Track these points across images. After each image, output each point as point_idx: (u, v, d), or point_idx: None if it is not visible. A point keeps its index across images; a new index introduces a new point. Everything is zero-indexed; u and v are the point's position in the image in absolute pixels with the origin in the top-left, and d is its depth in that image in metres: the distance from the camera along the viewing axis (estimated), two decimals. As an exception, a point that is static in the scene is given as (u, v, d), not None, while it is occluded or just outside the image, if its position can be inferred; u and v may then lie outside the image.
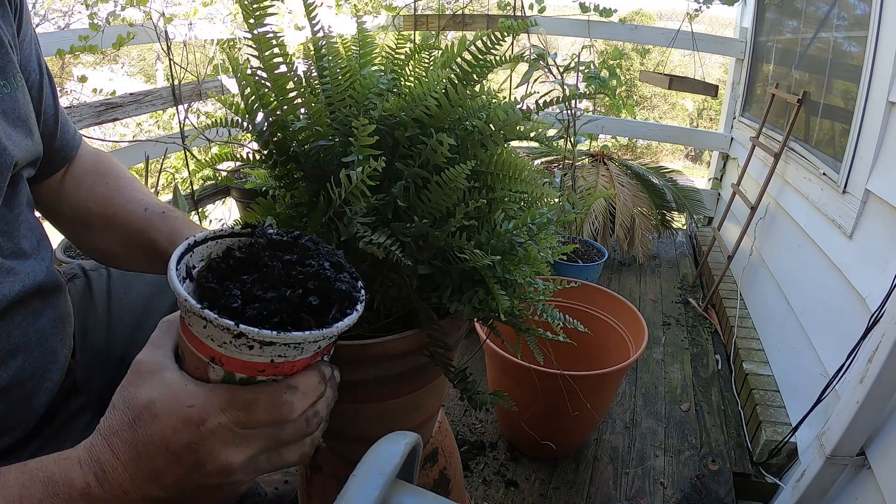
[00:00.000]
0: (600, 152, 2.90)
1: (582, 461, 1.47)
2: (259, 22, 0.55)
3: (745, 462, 1.50)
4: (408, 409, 0.79)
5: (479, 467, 1.43)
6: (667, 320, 2.23)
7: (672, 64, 7.15)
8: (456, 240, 0.59)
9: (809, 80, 1.98)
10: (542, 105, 0.61)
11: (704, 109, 8.97)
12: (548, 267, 0.70)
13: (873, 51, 1.43)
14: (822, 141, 1.82)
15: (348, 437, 0.84)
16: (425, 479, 0.91)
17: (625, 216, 2.49)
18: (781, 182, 2.00)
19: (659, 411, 1.69)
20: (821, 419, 1.28)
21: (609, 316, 1.54)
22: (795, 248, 1.78)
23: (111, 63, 6.94)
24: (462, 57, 0.59)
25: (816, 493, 1.21)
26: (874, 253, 1.28)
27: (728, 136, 2.99)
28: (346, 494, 0.39)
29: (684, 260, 2.84)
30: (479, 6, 3.56)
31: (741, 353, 1.84)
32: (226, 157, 0.69)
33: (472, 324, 1.46)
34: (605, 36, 3.01)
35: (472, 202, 0.58)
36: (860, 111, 1.45)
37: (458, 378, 0.68)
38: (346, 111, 0.62)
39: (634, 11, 8.44)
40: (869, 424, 1.10)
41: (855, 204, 1.41)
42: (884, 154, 1.34)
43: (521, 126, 0.59)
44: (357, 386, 0.73)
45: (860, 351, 1.16)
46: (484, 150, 0.62)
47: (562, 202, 0.71)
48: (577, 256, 2.16)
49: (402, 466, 0.44)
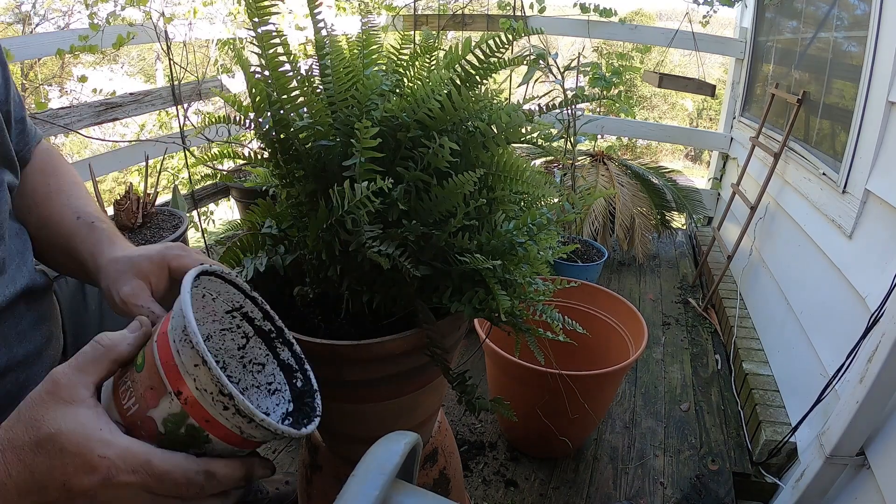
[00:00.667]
0: (600, 152, 2.90)
1: (582, 461, 1.47)
2: (263, 20, 0.55)
3: (744, 462, 1.50)
4: (408, 409, 0.79)
5: (478, 467, 1.43)
6: (666, 320, 2.23)
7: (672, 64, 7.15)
8: (457, 240, 0.59)
9: (809, 80, 1.98)
10: (547, 108, 0.61)
11: (704, 109, 8.97)
12: (547, 267, 0.70)
13: (873, 51, 1.43)
14: (821, 141, 1.82)
15: (348, 438, 0.84)
16: (425, 479, 0.91)
17: (624, 216, 2.49)
18: (781, 182, 2.00)
19: (659, 411, 1.69)
20: (820, 419, 1.28)
21: (609, 316, 1.54)
22: (795, 248, 1.78)
23: (111, 63, 6.94)
24: (466, 59, 0.59)
25: (816, 493, 1.21)
26: (874, 253, 1.28)
27: (728, 136, 2.99)
28: (346, 494, 0.39)
29: (684, 260, 2.84)
30: (479, 6, 3.56)
31: (741, 352, 1.84)
32: (227, 156, 0.69)
33: (472, 324, 1.46)
34: (605, 36, 3.02)
35: (473, 202, 0.58)
36: (860, 111, 1.46)
37: (458, 382, 0.68)
38: (347, 111, 0.62)
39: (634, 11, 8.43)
40: (869, 424, 1.10)
41: (855, 204, 1.41)
42: (883, 154, 1.34)
43: (524, 128, 0.59)
44: (357, 386, 0.73)
45: (860, 351, 1.16)
46: (486, 151, 0.62)
47: (561, 202, 0.71)
48: (577, 256, 2.16)
49: (402, 466, 0.44)
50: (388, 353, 0.65)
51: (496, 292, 0.59)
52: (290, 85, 0.60)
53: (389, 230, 0.59)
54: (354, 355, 0.64)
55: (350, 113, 0.61)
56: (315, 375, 0.56)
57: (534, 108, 0.60)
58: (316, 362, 0.64)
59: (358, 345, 0.63)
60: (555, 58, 2.18)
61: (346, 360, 0.65)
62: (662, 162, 4.75)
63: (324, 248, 0.64)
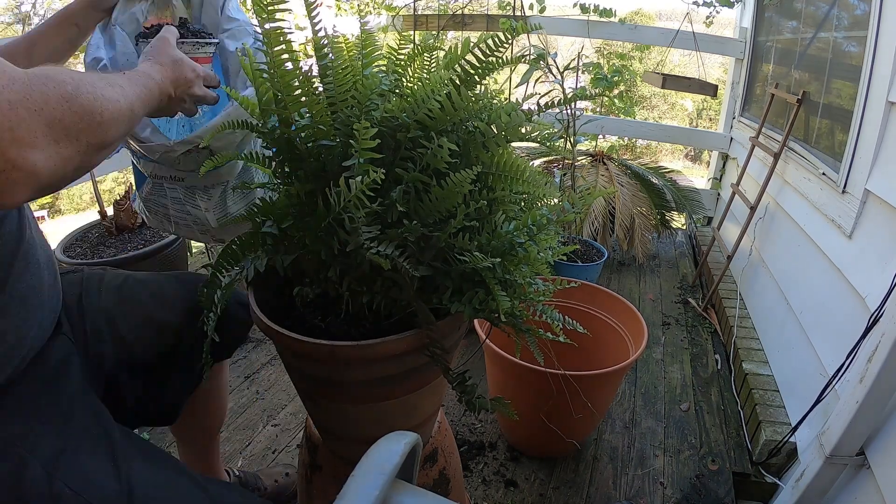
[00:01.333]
0: (600, 152, 2.90)
1: (581, 461, 1.47)
2: (271, 17, 0.55)
3: (744, 462, 1.50)
4: (407, 409, 0.79)
5: (478, 467, 1.43)
6: (666, 320, 2.23)
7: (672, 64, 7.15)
8: (458, 240, 0.59)
9: (809, 80, 1.98)
10: (546, 106, 0.61)
11: (704, 109, 8.97)
12: (547, 268, 0.70)
13: (873, 51, 1.43)
14: (821, 141, 1.82)
15: (348, 438, 0.84)
16: (425, 479, 0.91)
17: (624, 216, 2.50)
18: (781, 182, 2.01)
19: (659, 411, 1.69)
20: (820, 419, 1.28)
21: (609, 316, 1.54)
22: (795, 248, 1.78)
23: (111, 63, 6.92)
24: (465, 59, 0.59)
25: (816, 493, 1.21)
26: (874, 253, 1.28)
27: (728, 136, 2.99)
28: (346, 494, 0.39)
29: (684, 260, 2.84)
30: (479, 6, 3.56)
31: (741, 352, 1.84)
32: (227, 157, 0.69)
33: (472, 324, 1.46)
34: (605, 36, 3.02)
35: (473, 203, 0.58)
36: (860, 111, 1.46)
37: (457, 382, 0.68)
38: (347, 111, 0.62)
39: (634, 11, 8.44)
40: (868, 424, 1.10)
41: (854, 204, 1.41)
42: (883, 154, 1.34)
43: (523, 128, 0.59)
44: (357, 386, 0.73)
45: (860, 351, 1.16)
46: (486, 151, 0.62)
47: (561, 202, 0.71)
48: (577, 256, 2.16)
49: (402, 466, 0.44)
50: (390, 354, 0.65)
51: (496, 292, 0.59)
52: (294, 83, 0.60)
53: (389, 231, 0.59)
54: (355, 355, 0.64)
55: (350, 113, 0.62)
56: (313, 376, 0.56)
57: (532, 108, 0.60)
58: (315, 363, 0.64)
59: (358, 345, 0.63)
60: (554, 57, 2.19)
61: (347, 360, 0.65)
62: (662, 162, 4.75)
63: (323, 247, 0.64)
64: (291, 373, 0.80)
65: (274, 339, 0.68)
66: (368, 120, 0.57)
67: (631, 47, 4.04)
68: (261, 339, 1.97)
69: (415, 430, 0.84)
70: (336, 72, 0.62)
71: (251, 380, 1.76)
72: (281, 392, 1.70)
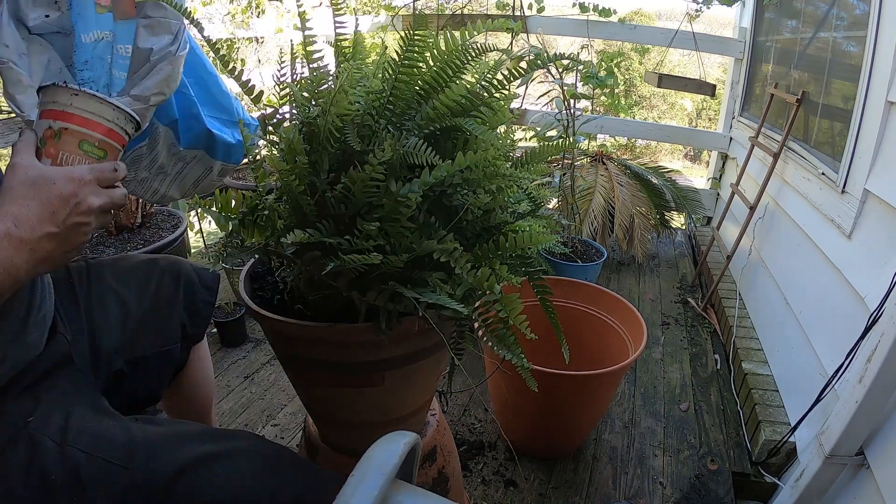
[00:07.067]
0: (599, 152, 2.90)
1: (581, 461, 1.47)
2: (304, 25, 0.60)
3: (744, 462, 1.50)
4: (401, 390, 0.83)
5: (478, 467, 1.43)
6: (666, 320, 2.23)
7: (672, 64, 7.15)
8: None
9: (808, 80, 1.98)
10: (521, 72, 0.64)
11: (703, 109, 8.96)
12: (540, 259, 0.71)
13: (872, 50, 1.43)
14: (821, 141, 1.82)
15: (339, 423, 0.86)
16: (424, 478, 0.91)
17: (624, 216, 2.49)
18: (780, 182, 2.00)
19: (658, 411, 1.69)
20: (820, 419, 1.28)
21: (608, 316, 1.54)
22: (794, 248, 1.78)
23: (110, 63, 6.92)
24: (481, 84, 0.63)
25: (815, 493, 1.21)
26: (873, 253, 1.28)
27: (727, 136, 2.99)
28: (346, 494, 0.39)
29: (683, 260, 2.84)
30: (478, 6, 3.56)
31: (740, 352, 1.84)
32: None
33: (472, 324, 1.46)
34: (605, 36, 3.01)
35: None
36: (859, 111, 1.45)
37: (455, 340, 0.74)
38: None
39: (634, 11, 8.43)
40: (868, 424, 1.10)
41: (854, 204, 1.41)
42: (883, 154, 1.34)
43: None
44: (349, 370, 0.75)
45: (859, 350, 1.16)
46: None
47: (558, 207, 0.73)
48: (576, 256, 2.16)
49: (401, 466, 0.44)
50: (406, 333, 0.70)
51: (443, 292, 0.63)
52: (324, 81, 0.68)
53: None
54: (344, 339, 0.69)
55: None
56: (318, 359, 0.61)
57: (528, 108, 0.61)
58: (290, 341, 0.71)
59: (347, 328, 0.68)
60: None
61: (337, 343, 0.70)
62: (662, 162, 4.75)
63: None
64: (279, 355, 0.86)
65: (260, 321, 0.74)
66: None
67: (631, 47, 4.04)
68: (260, 340, 1.97)
69: (410, 416, 0.86)
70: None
71: (251, 380, 1.76)
72: (281, 392, 1.70)
